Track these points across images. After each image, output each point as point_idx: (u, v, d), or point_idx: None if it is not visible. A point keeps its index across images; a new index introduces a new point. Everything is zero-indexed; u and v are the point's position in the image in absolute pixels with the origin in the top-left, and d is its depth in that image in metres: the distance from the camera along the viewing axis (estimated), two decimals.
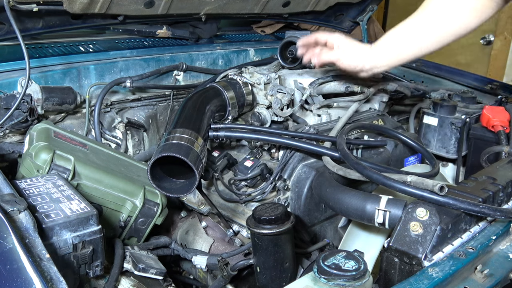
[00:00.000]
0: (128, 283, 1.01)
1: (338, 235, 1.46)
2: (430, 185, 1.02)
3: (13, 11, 1.32)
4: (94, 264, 0.92)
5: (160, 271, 1.06)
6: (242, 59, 2.04)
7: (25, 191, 0.96)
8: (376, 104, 1.84)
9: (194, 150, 1.17)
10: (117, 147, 1.55)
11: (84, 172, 1.12)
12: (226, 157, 1.50)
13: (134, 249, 1.13)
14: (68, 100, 1.45)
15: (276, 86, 1.60)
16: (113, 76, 1.65)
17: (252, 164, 1.44)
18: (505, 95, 1.96)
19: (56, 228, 0.85)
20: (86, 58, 1.63)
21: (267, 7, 2.02)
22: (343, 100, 1.69)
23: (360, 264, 0.84)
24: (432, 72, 2.25)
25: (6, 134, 1.38)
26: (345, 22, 2.45)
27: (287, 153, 1.42)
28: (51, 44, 1.68)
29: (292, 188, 1.39)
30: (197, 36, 2.02)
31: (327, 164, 1.32)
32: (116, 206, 1.17)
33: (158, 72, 1.75)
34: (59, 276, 0.70)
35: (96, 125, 1.49)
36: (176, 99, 1.78)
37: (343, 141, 1.31)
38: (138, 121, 1.66)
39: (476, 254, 0.97)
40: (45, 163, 1.09)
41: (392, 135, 1.55)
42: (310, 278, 0.85)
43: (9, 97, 1.33)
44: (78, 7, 1.51)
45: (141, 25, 1.91)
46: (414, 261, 0.96)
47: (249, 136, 1.41)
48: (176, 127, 1.24)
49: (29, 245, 0.74)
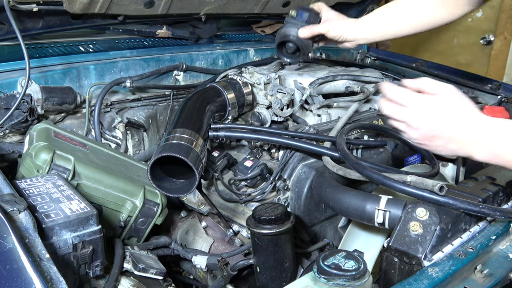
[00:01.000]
0: (128, 283, 1.01)
1: (338, 235, 1.46)
2: (430, 185, 1.02)
3: (13, 11, 1.32)
4: (94, 264, 0.92)
5: (160, 271, 1.06)
6: (242, 59, 2.04)
7: (25, 191, 0.96)
8: (376, 104, 1.84)
9: (194, 150, 1.17)
10: (117, 147, 1.55)
11: (84, 172, 1.12)
12: (226, 157, 1.50)
13: (134, 249, 1.13)
14: (68, 100, 1.45)
15: (276, 86, 1.60)
16: (113, 76, 1.65)
17: (252, 164, 1.44)
18: (505, 95, 1.96)
19: (56, 228, 0.85)
20: (86, 58, 1.63)
21: (267, 7, 2.02)
22: (343, 100, 1.69)
23: (360, 264, 0.85)
24: (432, 72, 2.24)
25: (6, 134, 1.38)
26: None
27: (287, 153, 1.42)
28: (51, 44, 1.68)
29: (292, 188, 1.39)
30: (197, 36, 2.01)
31: (327, 164, 1.32)
32: (116, 206, 1.17)
33: (158, 72, 1.75)
34: (59, 276, 0.70)
35: (96, 125, 1.49)
36: (176, 99, 1.78)
37: (343, 141, 1.31)
38: (138, 121, 1.66)
39: (476, 254, 0.97)
40: (45, 163, 1.09)
41: (392, 135, 1.55)
42: (310, 278, 0.85)
43: (9, 97, 1.33)
44: (78, 7, 1.51)
45: (141, 25, 1.91)
46: (414, 261, 0.97)
47: (249, 136, 1.41)
48: (176, 127, 1.24)
49: (29, 245, 0.74)
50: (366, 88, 1.70)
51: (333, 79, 1.74)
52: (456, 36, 3.54)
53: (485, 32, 3.38)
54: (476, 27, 3.40)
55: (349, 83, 1.74)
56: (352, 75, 1.76)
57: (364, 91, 1.68)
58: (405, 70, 2.33)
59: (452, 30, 3.53)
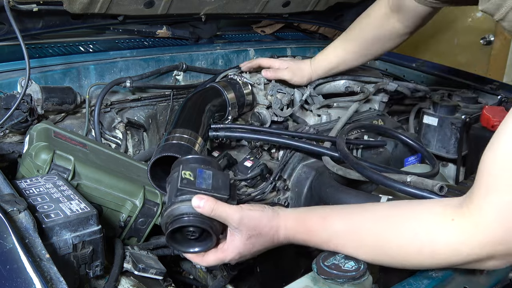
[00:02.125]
0: (128, 283, 1.01)
1: None
2: (430, 185, 1.02)
3: (13, 11, 1.32)
4: (94, 264, 0.92)
5: (160, 271, 1.06)
6: (242, 59, 2.04)
7: (25, 191, 0.96)
8: (376, 104, 1.84)
9: (194, 150, 1.17)
10: (117, 147, 1.55)
11: (84, 172, 1.12)
12: (226, 157, 1.50)
13: (134, 249, 1.12)
14: (68, 100, 1.45)
15: (276, 86, 1.60)
16: (113, 76, 1.65)
17: (252, 164, 1.44)
18: (505, 95, 1.96)
19: (56, 228, 0.85)
20: (86, 58, 1.63)
21: (267, 7, 2.01)
22: (343, 100, 1.69)
23: (359, 264, 0.85)
24: (432, 72, 2.25)
25: (6, 134, 1.38)
26: (345, 22, 2.45)
27: (287, 153, 1.42)
28: (51, 44, 1.68)
29: (292, 188, 1.39)
30: (197, 36, 2.01)
31: (327, 164, 1.32)
32: (116, 206, 1.17)
33: (158, 72, 1.75)
34: (59, 276, 0.70)
35: (96, 125, 1.49)
36: (176, 99, 1.78)
37: (343, 141, 1.31)
38: (138, 121, 1.66)
39: None
40: (45, 163, 1.09)
41: (392, 135, 1.55)
42: (310, 278, 0.85)
43: (9, 97, 1.33)
44: (78, 7, 1.51)
45: (141, 25, 1.91)
46: None
47: (249, 136, 1.41)
48: (176, 127, 1.24)
49: (29, 245, 0.74)
50: (366, 88, 1.70)
51: (333, 79, 1.74)
52: (456, 36, 3.54)
53: (485, 32, 3.37)
54: (476, 27, 3.40)
55: (349, 83, 1.74)
56: (352, 75, 1.76)
57: (364, 91, 1.68)
58: (405, 70, 2.34)
59: (452, 30, 3.53)
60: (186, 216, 0.89)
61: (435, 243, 0.82)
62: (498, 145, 0.78)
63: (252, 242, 0.94)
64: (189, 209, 0.89)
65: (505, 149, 0.77)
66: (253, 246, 0.95)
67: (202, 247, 0.94)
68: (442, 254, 0.82)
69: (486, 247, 0.79)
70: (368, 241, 0.89)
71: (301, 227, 0.96)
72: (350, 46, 1.65)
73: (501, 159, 0.77)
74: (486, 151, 0.80)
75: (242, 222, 0.92)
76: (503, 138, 0.78)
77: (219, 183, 0.94)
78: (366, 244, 0.90)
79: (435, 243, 0.82)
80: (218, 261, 0.96)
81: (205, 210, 0.89)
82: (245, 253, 0.96)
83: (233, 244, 0.94)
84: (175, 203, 0.91)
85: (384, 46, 1.63)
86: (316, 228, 0.94)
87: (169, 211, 0.91)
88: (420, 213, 0.87)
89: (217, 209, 0.90)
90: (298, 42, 2.33)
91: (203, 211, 0.89)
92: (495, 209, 0.77)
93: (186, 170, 0.94)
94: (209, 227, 0.90)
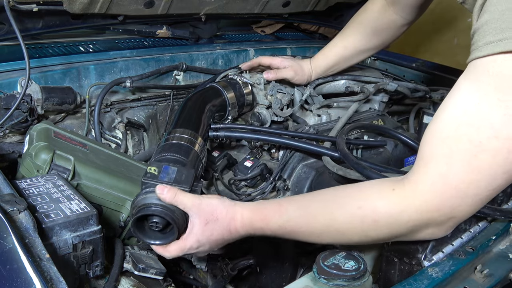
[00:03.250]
0: (128, 283, 1.01)
1: None
2: None
3: (13, 11, 1.32)
4: (94, 264, 0.92)
5: (160, 271, 1.06)
6: (242, 59, 2.04)
7: (25, 191, 0.96)
8: (376, 104, 1.84)
9: (194, 150, 1.18)
10: (117, 147, 1.55)
11: (84, 172, 1.12)
12: (226, 157, 1.50)
13: (134, 249, 1.12)
14: (68, 100, 1.45)
15: (276, 86, 1.60)
16: (113, 76, 1.65)
17: (252, 164, 1.44)
18: None
19: (56, 228, 0.85)
20: (86, 58, 1.63)
21: (267, 7, 2.01)
22: (343, 100, 1.69)
23: (359, 264, 0.85)
24: (432, 72, 2.25)
25: (6, 134, 1.38)
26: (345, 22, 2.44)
27: (287, 153, 1.42)
28: (51, 44, 1.68)
29: (292, 188, 1.39)
30: (197, 36, 2.01)
31: (327, 164, 1.32)
32: (116, 206, 1.17)
33: (158, 72, 1.75)
34: (59, 276, 0.70)
35: (96, 125, 1.49)
36: (176, 99, 1.78)
37: (343, 141, 1.31)
38: (138, 121, 1.66)
39: (476, 254, 0.97)
40: (45, 163, 1.09)
41: (392, 135, 1.55)
42: (310, 278, 0.85)
43: (9, 97, 1.33)
44: (78, 7, 1.51)
45: (141, 25, 1.91)
46: (414, 261, 0.97)
47: (249, 136, 1.41)
48: (176, 127, 1.24)
49: (29, 245, 0.74)
50: (366, 88, 1.70)
51: (333, 79, 1.74)
52: (456, 36, 3.54)
53: None
54: None
55: (349, 83, 1.74)
56: (352, 75, 1.77)
57: (364, 91, 1.68)
58: (405, 70, 2.33)
59: (452, 30, 3.52)
60: (153, 206, 0.97)
61: (377, 212, 0.87)
62: (440, 118, 0.82)
63: (209, 229, 0.98)
64: (153, 200, 0.97)
65: (445, 121, 0.81)
66: (211, 233, 0.99)
67: (165, 239, 1.00)
68: (384, 222, 0.87)
69: (423, 214, 0.83)
70: (319, 222, 0.94)
71: (257, 215, 0.99)
72: (349, 42, 1.65)
73: (440, 131, 0.81)
74: (430, 124, 0.84)
75: (200, 207, 0.98)
76: (445, 112, 0.82)
77: (182, 178, 1.02)
78: (318, 226, 0.94)
79: (376, 212, 0.87)
80: (179, 251, 1.00)
81: (167, 197, 0.96)
82: (204, 240, 0.99)
83: (192, 231, 0.99)
84: (140, 194, 1.00)
85: (383, 39, 1.63)
86: (272, 215, 0.98)
87: (135, 202, 1.00)
88: (365, 189, 0.92)
89: (178, 196, 0.97)
90: (298, 42, 2.33)
91: (165, 198, 0.96)
92: (432, 177, 0.81)
93: (153, 166, 1.03)
94: (170, 218, 0.96)
